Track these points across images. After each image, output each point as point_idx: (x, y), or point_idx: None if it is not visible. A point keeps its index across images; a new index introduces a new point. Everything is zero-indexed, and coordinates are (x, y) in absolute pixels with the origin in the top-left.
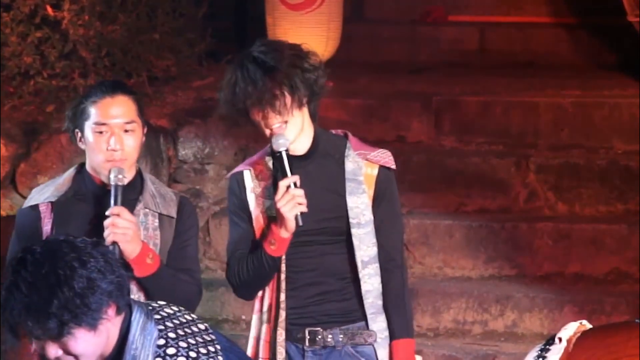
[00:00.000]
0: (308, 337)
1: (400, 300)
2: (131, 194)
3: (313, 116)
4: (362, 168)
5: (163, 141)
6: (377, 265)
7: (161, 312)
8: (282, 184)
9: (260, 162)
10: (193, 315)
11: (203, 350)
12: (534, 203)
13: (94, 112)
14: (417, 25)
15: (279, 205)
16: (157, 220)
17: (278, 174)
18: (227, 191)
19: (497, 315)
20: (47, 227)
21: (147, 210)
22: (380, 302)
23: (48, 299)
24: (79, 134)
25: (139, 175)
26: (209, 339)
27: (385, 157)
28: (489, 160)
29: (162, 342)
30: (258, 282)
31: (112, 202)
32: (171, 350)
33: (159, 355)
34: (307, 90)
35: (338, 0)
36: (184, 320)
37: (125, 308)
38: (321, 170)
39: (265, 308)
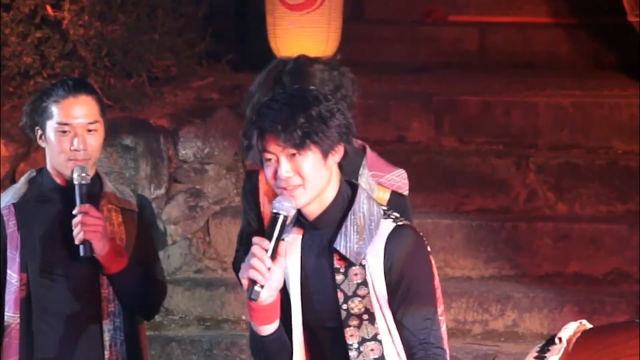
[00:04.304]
0: None
1: None
2: (93, 190)
3: None
4: (375, 191)
5: (163, 141)
6: None
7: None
8: None
9: None
10: None
11: None
12: (534, 203)
13: (56, 111)
14: (417, 25)
15: None
16: (120, 216)
17: None
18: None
19: (497, 315)
20: (10, 229)
21: (110, 206)
22: None
23: (297, 112)
24: (39, 132)
25: (97, 174)
26: None
27: (399, 182)
28: (489, 160)
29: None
30: None
31: (77, 200)
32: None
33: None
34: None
35: (338, 0)
36: None
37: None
38: None
39: None
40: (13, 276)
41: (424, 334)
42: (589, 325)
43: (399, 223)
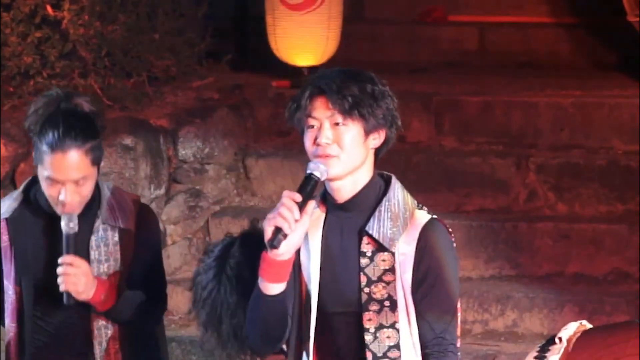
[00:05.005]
0: None
1: None
2: (90, 209)
3: None
4: None
5: (163, 141)
6: None
7: None
8: None
9: None
10: None
11: None
12: (534, 203)
13: (46, 161)
14: (417, 25)
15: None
16: (117, 235)
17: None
18: None
19: (497, 315)
20: (4, 244)
21: (106, 225)
22: None
23: (353, 83)
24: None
25: (96, 189)
26: None
27: None
28: (489, 160)
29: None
30: None
31: (64, 249)
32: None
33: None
34: None
35: (338, 0)
36: None
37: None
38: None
39: None
40: (9, 287)
41: (442, 329)
42: (589, 326)
43: (433, 216)
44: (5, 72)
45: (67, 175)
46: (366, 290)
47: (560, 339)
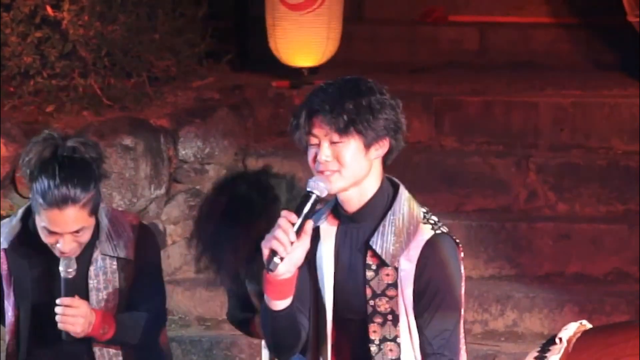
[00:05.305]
0: None
1: None
2: (88, 243)
3: None
4: None
5: (163, 141)
6: None
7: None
8: None
9: None
10: None
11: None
12: (534, 203)
13: (42, 213)
14: (417, 25)
15: None
16: (115, 263)
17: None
18: None
19: (497, 315)
20: (4, 272)
21: (104, 255)
22: None
23: (348, 98)
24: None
25: (96, 219)
26: None
27: None
28: (489, 160)
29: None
30: None
31: (62, 291)
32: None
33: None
34: None
35: (338, 0)
36: None
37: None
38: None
39: None
40: (9, 308)
41: (440, 345)
42: (589, 326)
43: (437, 231)
44: (5, 72)
45: (65, 229)
46: (371, 302)
47: (560, 339)
